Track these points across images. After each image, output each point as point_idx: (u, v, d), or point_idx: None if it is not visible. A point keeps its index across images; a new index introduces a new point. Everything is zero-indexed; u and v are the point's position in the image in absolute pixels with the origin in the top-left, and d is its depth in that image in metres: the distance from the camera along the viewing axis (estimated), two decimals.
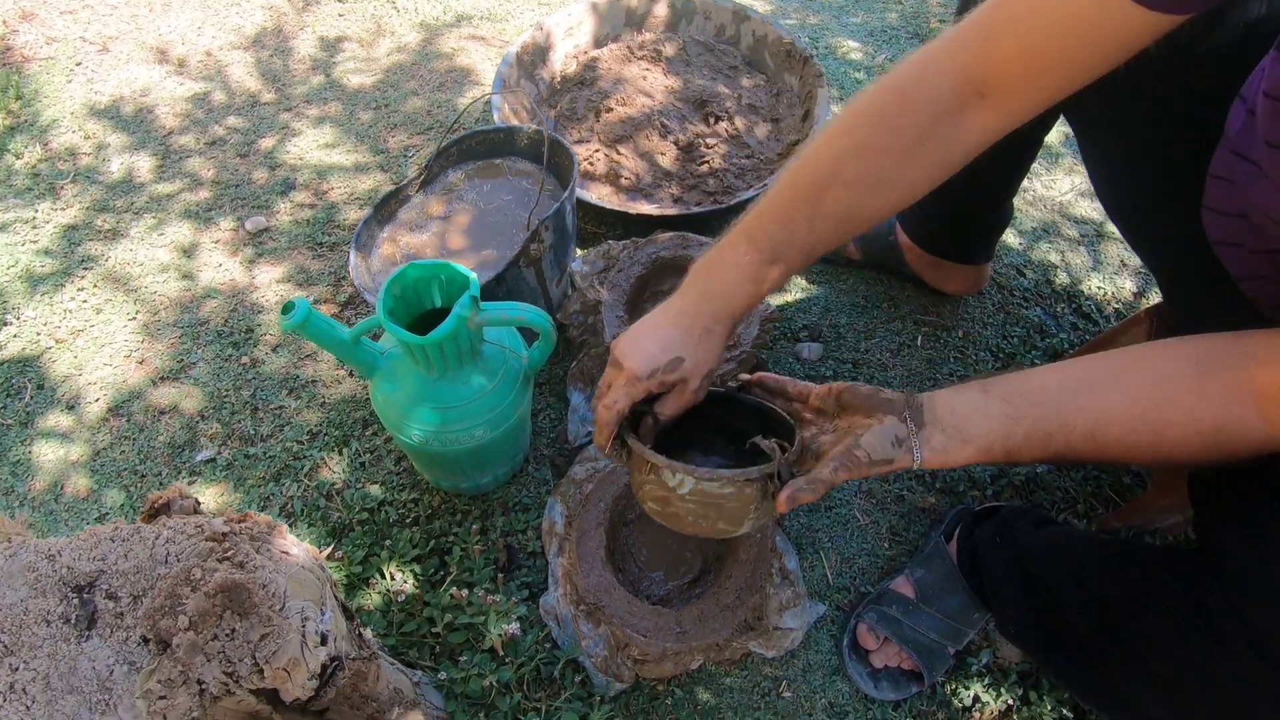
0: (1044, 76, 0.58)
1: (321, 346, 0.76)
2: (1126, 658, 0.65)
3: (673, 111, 1.32)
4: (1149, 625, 0.62)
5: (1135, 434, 0.58)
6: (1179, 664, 0.58)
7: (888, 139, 0.63)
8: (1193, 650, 0.56)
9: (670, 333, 0.71)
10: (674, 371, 0.71)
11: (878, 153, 0.63)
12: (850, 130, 0.64)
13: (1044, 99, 0.60)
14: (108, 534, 0.40)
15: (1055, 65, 0.57)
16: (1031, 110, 0.61)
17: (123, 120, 1.46)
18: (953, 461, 0.64)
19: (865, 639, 0.93)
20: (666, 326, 0.71)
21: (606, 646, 0.83)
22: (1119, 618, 0.67)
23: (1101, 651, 0.69)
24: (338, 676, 0.47)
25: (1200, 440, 0.57)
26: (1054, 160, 1.45)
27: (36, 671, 0.36)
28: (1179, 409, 0.57)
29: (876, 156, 0.63)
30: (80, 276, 1.25)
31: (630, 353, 0.71)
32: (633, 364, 0.70)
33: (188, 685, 0.37)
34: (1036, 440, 0.61)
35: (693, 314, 0.71)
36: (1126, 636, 0.65)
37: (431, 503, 1.01)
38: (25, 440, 1.09)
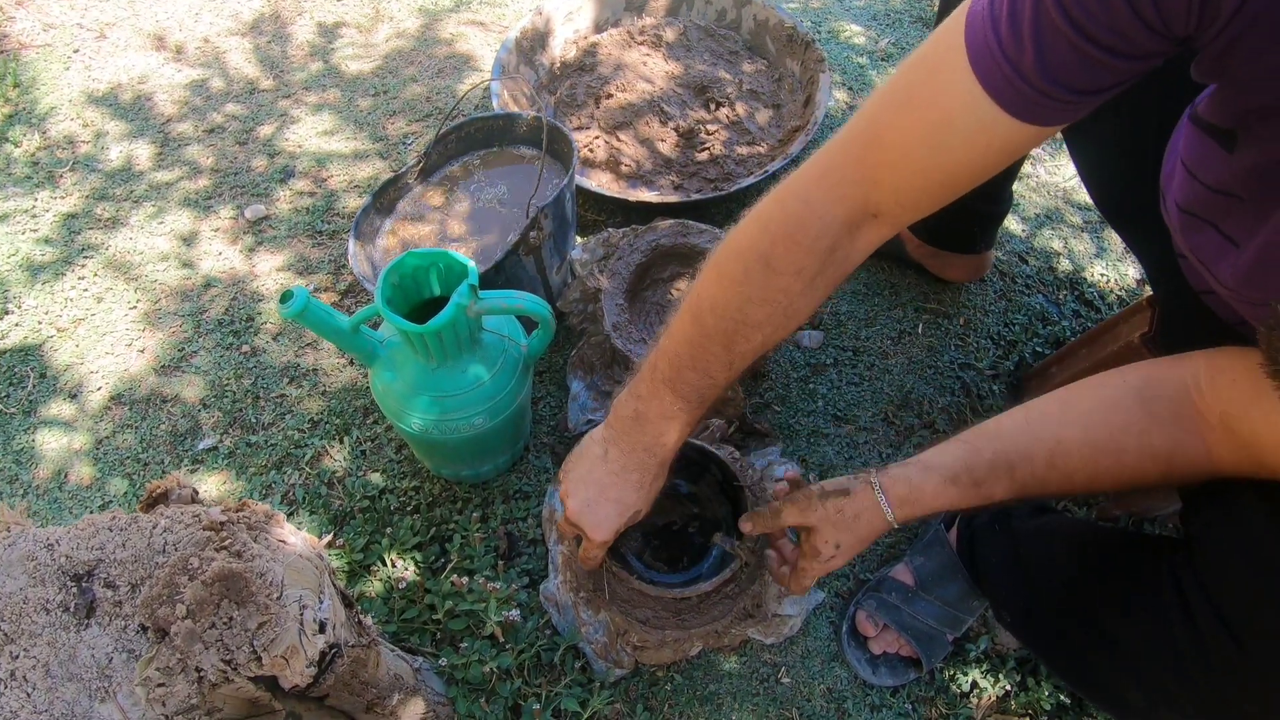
0: (934, 195, 0.59)
1: (320, 335, 0.76)
2: (1103, 642, 0.66)
3: (673, 98, 1.31)
4: (1125, 607, 0.63)
5: (1094, 462, 0.60)
6: (1152, 645, 0.60)
7: (786, 280, 0.62)
8: (1165, 629, 0.58)
9: (623, 494, 0.74)
10: (632, 521, 0.76)
11: (780, 292, 0.63)
12: (749, 278, 0.63)
13: (935, 207, 0.60)
14: (105, 523, 0.41)
15: (945, 184, 0.57)
16: (925, 213, 0.61)
17: (121, 108, 1.45)
18: (920, 493, 0.67)
19: (864, 626, 0.93)
20: (617, 488, 0.74)
21: (606, 633, 0.83)
22: (1096, 601, 0.68)
23: (1080, 636, 0.70)
24: (336, 664, 0.48)
25: (1156, 466, 0.59)
26: (1057, 146, 1.44)
27: (36, 659, 0.37)
28: (1130, 436, 0.59)
29: (780, 296, 0.63)
30: (81, 265, 1.25)
31: (594, 525, 0.75)
32: (599, 535, 0.75)
33: (186, 673, 0.37)
34: (1001, 470, 0.64)
35: (639, 469, 0.73)
36: (1103, 620, 0.66)
37: (432, 490, 1.02)
38: (28, 429, 1.10)
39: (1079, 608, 0.70)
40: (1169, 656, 0.58)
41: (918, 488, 0.67)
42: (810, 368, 1.16)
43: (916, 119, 0.54)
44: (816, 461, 1.07)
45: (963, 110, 0.51)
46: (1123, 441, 0.59)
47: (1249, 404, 0.53)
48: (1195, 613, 0.55)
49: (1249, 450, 0.54)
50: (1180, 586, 0.57)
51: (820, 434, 1.10)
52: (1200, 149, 0.54)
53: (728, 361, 0.66)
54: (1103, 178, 0.83)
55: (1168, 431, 0.57)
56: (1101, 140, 0.78)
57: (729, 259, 0.64)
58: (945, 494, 0.66)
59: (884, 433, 1.10)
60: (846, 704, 0.91)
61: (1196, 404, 0.56)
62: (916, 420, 1.11)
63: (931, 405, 1.13)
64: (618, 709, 0.88)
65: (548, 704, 0.84)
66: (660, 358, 0.69)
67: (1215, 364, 0.57)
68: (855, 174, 0.59)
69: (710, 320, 0.65)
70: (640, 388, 0.70)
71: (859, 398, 1.13)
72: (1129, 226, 0.84)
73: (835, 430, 1.10)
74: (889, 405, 1.13)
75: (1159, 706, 0.61)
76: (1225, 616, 0.53)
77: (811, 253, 0.61)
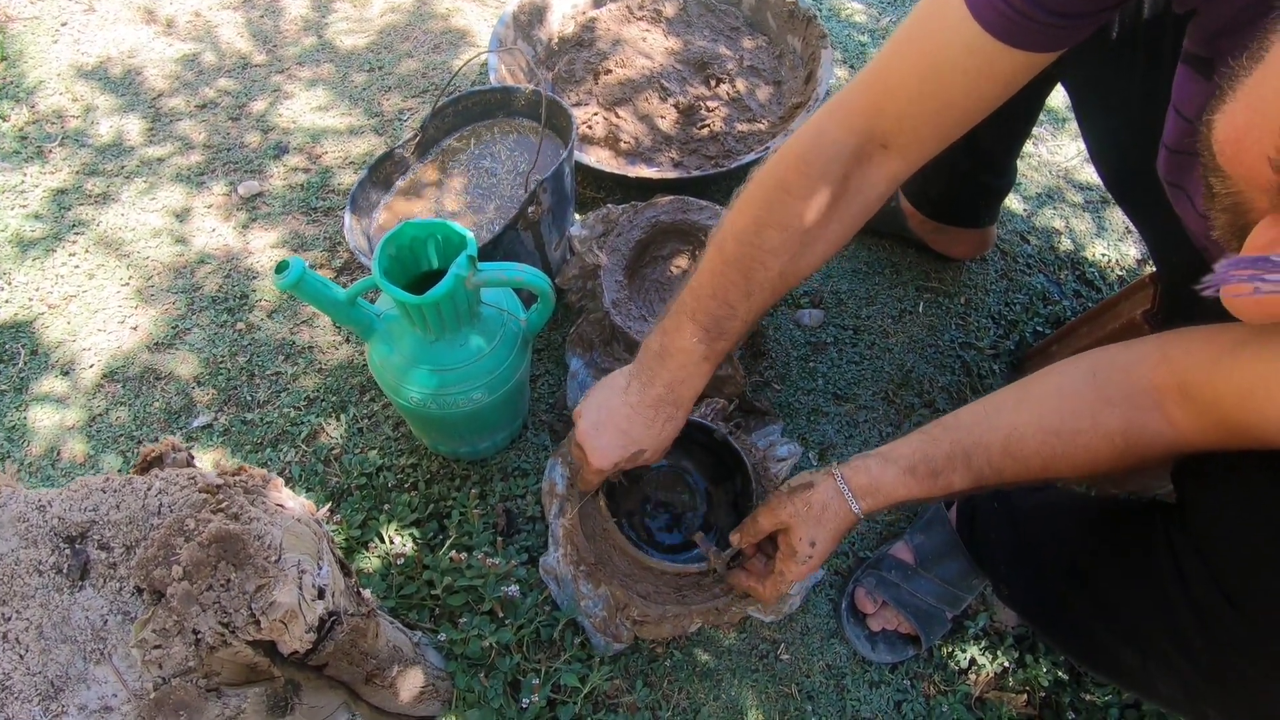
0: (937, 124, 0.62)
1: (316, 307, 0.75)
2: (1101, 610, 0.67)
3: (673, 74, 1.30)
4: (1122, 574, 0.64)
5: (1049, 446, 0.61)
6: (1148, 609, 0.60)
7: (802, 205, 0.65)
8: (1161, 593, 0.58)
9: (632, 427, 0.75)
10: (635, 461, 0.77)
11: (796, 218, 0.66)
12: (766, 203, 0.67)
13: (943, 140, 0.64)
14: (99, 485, 0.40)
15: (944, 113, 0.61)
16: (934, 150, 0.65)
17: (111, 82, 1.42)
18: (880, 483, 0.68)
19: (863, 603, 0.93)
20: (628, 420, 0.75)
21: (606, 607, 0.83)
22: (1095, 570, 0.69)
23: (1079, 606, 0.71)
24: (336, 631, 0.47)
25: (1111, 447, 0.59)
26: (1059, 125, 1.43)
27: (29, 621, 0.36)
28: (1083, 418, 0.60)
29: (795, 221, 0.66)
30: (71, 241, 1.23)
31: (594, 447, 0.76)
32: (597, 460, 0.76)
33: (183, 635, 0.36)
34: (959, 459, 0.65)
35: (654, 407, 0.74)
36: (1101, 589, 0.67)
37: (430, 468, 1.01)
38: (20, 406, 1.08)
39: (1078, 578, 0.71)
40: (1164, 620, 0.58)
41: (878, 478, 0.68)
42: (810, 346, 1.15)
43: (914, 49, 0.59)
44: (816, 440, 1.07)
45: (954, 37, 0.55)
46: (1076, 424, 0.60)
47: (1209, 368, 0.54)
48: (1188, 576, 0.55)
49: (1213, 414, 0.54)
50: (1174, 550, 0.57)
51: (820, 412, 1.09)
52: (1187, 86, 0.55)
53: (746, 290, 0.68)
54: (1111, 154, 0.83)
55: (1120, 411, 0.58)
56: (1113, 118, 0.78)
57: (751, 189, 0.68)
58: (905, 484, 0.67)
59: (884, 411, 1.10)
60: (845, 680, 0.91)
61: (1152, 380, 0.57)
62: (917, 399, 1.11)
63: (932, 384, 1.12)
64: (617, 684, 0.88)
65: (547, 679, 0.84)
66: (686, 292, 0.72)
67: (1168, 340, 0.58)
68: (861, 103, 0.63)
69: (730, 246, 0.68)
70: (666, 323, 0.73)
71: (859, 376, 1.13)
72: (1135, 203, 0.84)
73: (835, 409, 1.10)
74: (889, 384, 1.12)
75: (1156, 670, 0.61)
76: (1219, 578, 0.53)
77: (825, 178, 0.64)
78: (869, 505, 0.70)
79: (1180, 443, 0.57)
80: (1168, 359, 0.57)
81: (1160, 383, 0.57)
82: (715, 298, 0.69)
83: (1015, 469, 0.63)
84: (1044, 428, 0.62)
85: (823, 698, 0.90)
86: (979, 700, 0.91)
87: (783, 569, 0.74)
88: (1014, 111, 0.96)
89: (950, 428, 0.67)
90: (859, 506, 0.69)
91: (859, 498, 0.69)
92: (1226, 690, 0.55)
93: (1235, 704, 0.55)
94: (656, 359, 0.73)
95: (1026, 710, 0.90)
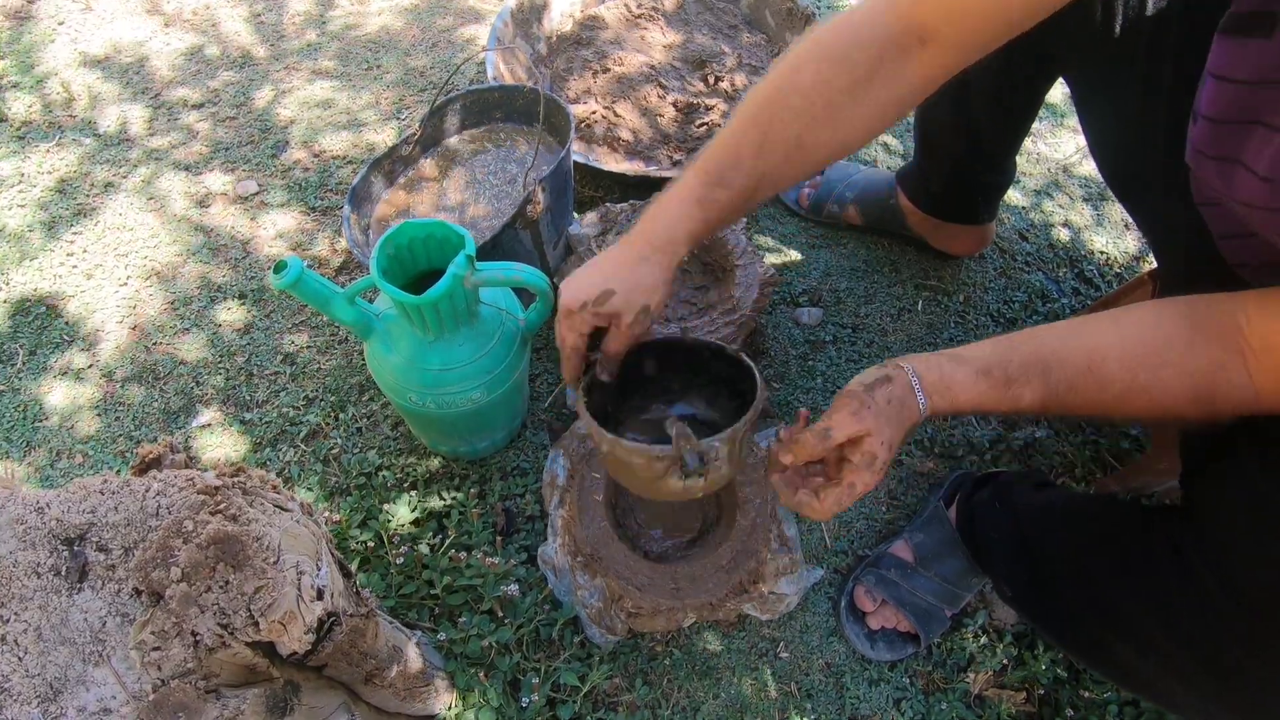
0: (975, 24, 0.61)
1: (314, 307, 0.75)
2: (1100, 607, 0.67)
3: (671, 71, 1.30)
4: (1122, 571, 0.64)
5: (1132, 373, 0.58)
6: (1148, 606, 0.60)
7: (833, 71, 0.64)
8: (1162, 591, 0.58)
9: (605, 265, 0.70)
10: (604, 304, 0.69)
11: (824, 84, 0.64)
12: (798, 65, 0.66)
13: (980, 45, 0.63)
14: (97, 486, 0.40)
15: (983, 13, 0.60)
16: (970, 56, 0.64)
17: (115, 74, 1.42)
18: (950, 381, 0.62)
19: (862, 601, 0.94)
20: (603, 259, 0.71)
21: (601, 598, 0.83)
22: (1095, 568, 0.68)
23: (1078, 603, 0.71)
24: (335, 632, 0.47)
25: (1192, 387, 0.57)
26: (1058, 121, 1.43)
27: (28, 623, 0.36)
28: (1172, 351, 0.57)
29: (823, 88, 0.65)
30: (70, 241, 1.23)
31: (565, 286, 0.71)
32: (565, 298, 0.71)
33: (182, 637, 0.37)
34: (1035, 370, 0.61)
35: (629, 243, 0.70)
36: (1101, 586, 0.67)
37: (429, 467, 1.01)
38: (19, 406, 1.08)
39: (1077, 576, 0.71)
40: (1163, 616, 0.58)
41: (949, 376, 0.63)
42: (809, 345, 1.15)
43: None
44: None
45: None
46: (1165, 355, 0.57)
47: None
48: (1193, 570, 0.55)
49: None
50: (1176, 546, 0.58)
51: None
52: (1234, 52, 0.52)
53: (759, 146, 0.66)
54: (1112, 149, 0.83)
55: (1211, 350, 0.56)
56: (1113, 110, 0.78)
57: (790, 53, 0.67)
58: (975, 387, 0.62)
59: None
60: (845, 678, 0.92)
61: (1243, 328, 0.55)
62: None
63: None
64: (616, 683, 0.88)
65: (546, 678, 0.84)
66: (698, 154, 0.70)
67: (1265, 295, 0.56)
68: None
69: (750, 105, 0.67)
70: (669, 184, 0.71)
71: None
72: (1135, 197, 0.84)
73: None
74: None
75: (1154, 667, 0.61)
76: (1223, 573, 0.53)
77: (859, 47, 0.64)
78: (937, 404, 0.63)
79: (1252, 400, 0.55)
80: (1261, 312, 0.55)
81: (1250, 334, 0.55)
82: (725, 148, 0.67)
83: (1091, 392, 0.60)
84: (1130, 353, 0.59)
85: (822, 695, 0.91)
86: (978, 698, 0.92)
87: (853, 479, 0.63)
88: (1014, 105, 0.96)
89: (1031, 337, 0.62)
90: (926, 403, 0.63)
91: (928, 394, 0.63)
92: (1228, 685, 0.55)
93: (1236, 698, 0.56)
94: (650, 215, 0.70)
95: (1025, 707, 0.90)
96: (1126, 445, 1.07)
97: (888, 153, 1.37)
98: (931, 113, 1.03)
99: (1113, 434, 1.07)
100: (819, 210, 1.24)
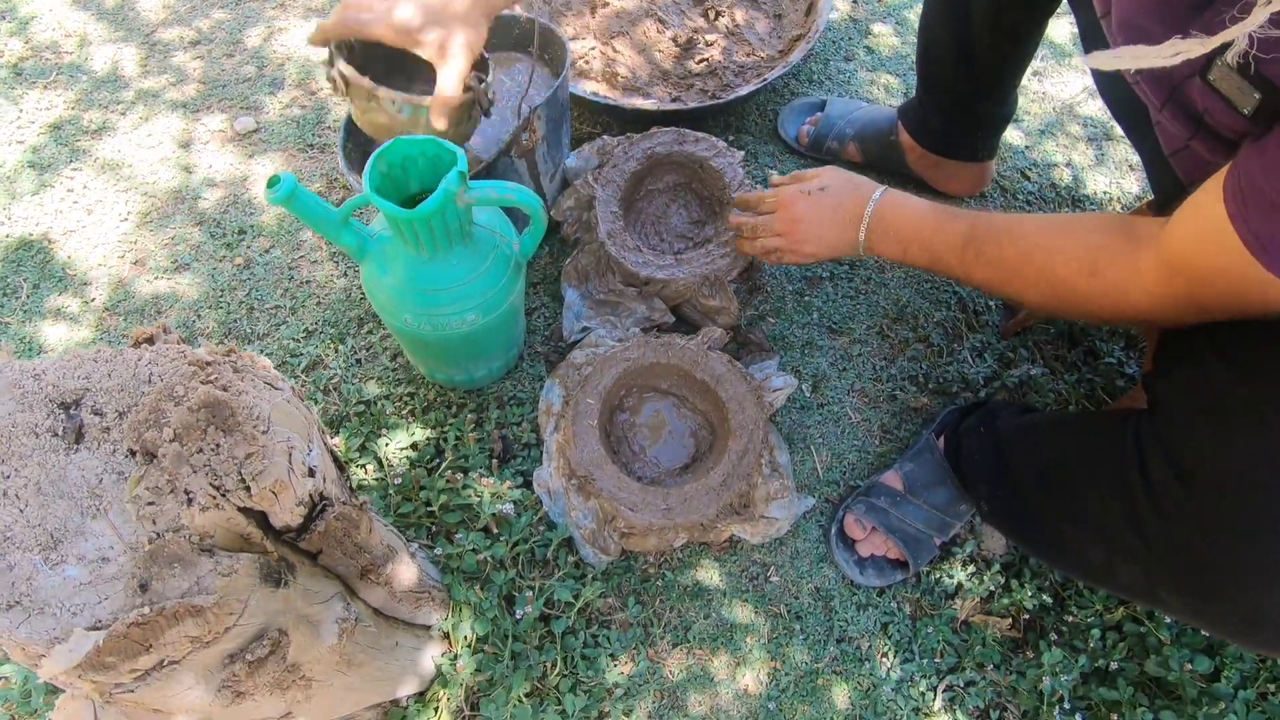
0: None
1: (309, 224, 0.75)
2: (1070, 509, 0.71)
3: (670, 6, 1.28)
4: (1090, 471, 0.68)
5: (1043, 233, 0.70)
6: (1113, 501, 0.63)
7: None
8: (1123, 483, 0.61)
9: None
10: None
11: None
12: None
13: None
14: (91, 356, 0.41)
15: None
16: None
17: (105, 15, 1.41)
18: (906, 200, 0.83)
19: (852, 529, 0.95)
20: None
21: (594, 519, 0.85)
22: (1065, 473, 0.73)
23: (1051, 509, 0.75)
24: (327, 513, 0.49)
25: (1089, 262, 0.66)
26: (1063, 59, 1.40)
27: (27, 479, 0.37)
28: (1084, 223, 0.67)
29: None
30: (69, 176, 1.23)
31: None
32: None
33: (175, 494, 0.38)
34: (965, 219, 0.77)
35: None
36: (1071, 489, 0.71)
37: (427, 396, 1.02)
38: (24, 339, 1.10)
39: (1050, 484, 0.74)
40: (1125, 507, 0.61)
41: (909, 198, 0.83)
42: (806, 280, 1.15)
43: None
44: (810, 373, 1.08)
45: None
46: (1071, 226, 0.68)
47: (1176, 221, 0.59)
48: (1147, 459, 0.59)
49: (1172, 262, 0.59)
50: (1139, 441, 0.60)
51: (814, 346, 1.10)
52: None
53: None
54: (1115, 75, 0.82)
55: (1110, 235, 0.64)
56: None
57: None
58: (921, 211, 0.81)
59: (878, 345, 1.11)
60: (833, 601, 0.94)
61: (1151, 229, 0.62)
62: (911, 334, 1.11)
63: (927, 319, 1.12)
64: (609, 602, 0.90)
65: (541, 594, 0.86)
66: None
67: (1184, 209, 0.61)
68: None
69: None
70: None
71: (854, 311, 1.13)
72: (1134, 122, 0.84)
73: (830, 343, 1.10)
74: (884, 319, 1.13)
75: (1119, 560, 0.64)
76: (1173, 458, 0.56)
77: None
78: (884, 210, 0.82)
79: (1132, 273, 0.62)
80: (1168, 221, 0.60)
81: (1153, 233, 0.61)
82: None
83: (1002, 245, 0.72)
84: (1043, 225, 0.70)
85: (810, 618, 0.93)
86: (964, 623, 0.94)
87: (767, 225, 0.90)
88: (1015, 33, 0.95)
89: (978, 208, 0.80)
90: (877, 203, 0.82)
91: (885, 197, 0.83)
92: (1175, 569, 0.58)
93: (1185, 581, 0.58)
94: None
95: (1011, 633, 0.92)
96: (1121, 384, 1.07)
97: (888, 93, 1.35)
98: (931, 41, 1.02)
99: (1107, 371, 1.07)
100: (819, 147, 1.23)
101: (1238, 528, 0.53)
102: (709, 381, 0.94)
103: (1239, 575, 0.53)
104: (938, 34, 1.00)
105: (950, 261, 0.78)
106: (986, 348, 1.10)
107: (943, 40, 0.99)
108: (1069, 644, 0.90)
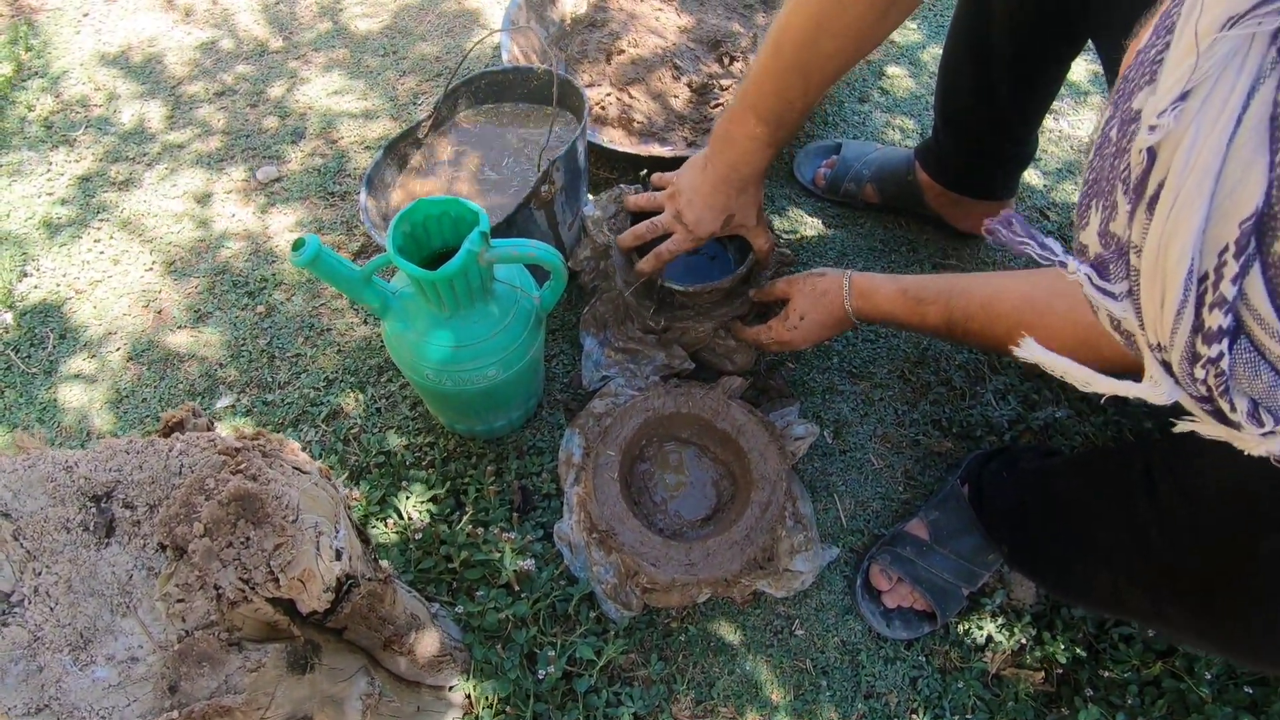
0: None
1: (333, 285, 0.76)
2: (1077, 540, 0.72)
3: (686, 52, 1.29)
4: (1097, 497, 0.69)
5: (1021, 312, 0.69)
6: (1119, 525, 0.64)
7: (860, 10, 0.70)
8: (1130, 504, 0.62)
9: (720, 201, 0.88)
10: (730, 227, 0.91)
11: (854, 23, 0.70)
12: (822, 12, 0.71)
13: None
14: (122, 446, 0.41)
15: None
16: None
17: (132, 70, 1.45)
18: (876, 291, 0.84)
19: (878, 579, 0.93)
20: (714, 196, 0.88)
21: (616, 574, 0.84)
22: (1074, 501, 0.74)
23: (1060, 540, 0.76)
24: (353, 593, 0.48)
25: (1078, 336, 0.64)
26: (1081, 98, 1.40)
27: (58, 575, 0.37)
28: (1062, 300, 0.65)
29: (853, 28, 0.71)
30: (96, 227, 1.26)
31: (695, 220, 0.89)
32: (699, 230, 0.90)
33: (205, 590, 0.38)
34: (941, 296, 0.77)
35: (729, 182, 0.87)
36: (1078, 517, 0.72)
37: (446, 446, 1.02)
38: (49, 388, 1.11)
39: (1062, 519, 0.76)
40: (1131, 528, 0.62)
41: (876, 286, 0.84)
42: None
43: None
44: (832, 418, 1.07)
45: None
46: (1054, 303, 0.66)
47: None
48: (1158, 485, 0.59)
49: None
50: (1150, 470, 0.60)
51: (835, 391, 1.09)
52: None
53: (804, 89, 0.77)
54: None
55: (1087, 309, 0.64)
56: None
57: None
58: (893, 300, 0.82)
59: (900, 389, 1.09)
60: (860, 656, 0.92)
61: None
62: (933, 377, 1.10)
63: (949, 361, 1.11)
64: (632, 658, 0.89)
65: (563, 652, 0.85)
66: (747, 84, 0.81)
67: None
68: None
69: (789, 51, 0.75)
70: (730, 112, 0.84)
71: (874, 355, 1.12)
72: None
73: (851, 387, 1.09)
74: (905, 362, 1.12)
75: (1124, 584, 0.64)
76: (1182, 480, 0.57)
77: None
78: (859, 304, 0.85)
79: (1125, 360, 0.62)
80: None
81: None
82: (775, 93, 0.77)
83: (984, 322, 0.72)
84: (1025, 296, 0.69)
85: (837, 673, 0.91)
86: (995, 677, 0.91)
87: (771, 324, 0.93)
88: (1036, 76, 0.95)
89: (951, 275, 0.80)
90: (851, 303, 0.85)
91: (854, 297, 0.85)
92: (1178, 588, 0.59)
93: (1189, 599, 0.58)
94: (722, 144, 0.85)
95: (1044, 687, 0.90)
96: (1149, 425, 1.05)
97: (904, 134, 1.36)
98: (952, 81, 1.02)
99: (1134, 413, 1.06)
100: (835, 189, 1.23)
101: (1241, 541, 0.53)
102: (730, 431, 0.93)
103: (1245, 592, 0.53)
104: (959, 76, 1.00)
105: (943, 337, 0.83)
106: (1010, 390, 1.09)
107: (964, 83, 1.00)
108: (1105, 700, 0.87)
